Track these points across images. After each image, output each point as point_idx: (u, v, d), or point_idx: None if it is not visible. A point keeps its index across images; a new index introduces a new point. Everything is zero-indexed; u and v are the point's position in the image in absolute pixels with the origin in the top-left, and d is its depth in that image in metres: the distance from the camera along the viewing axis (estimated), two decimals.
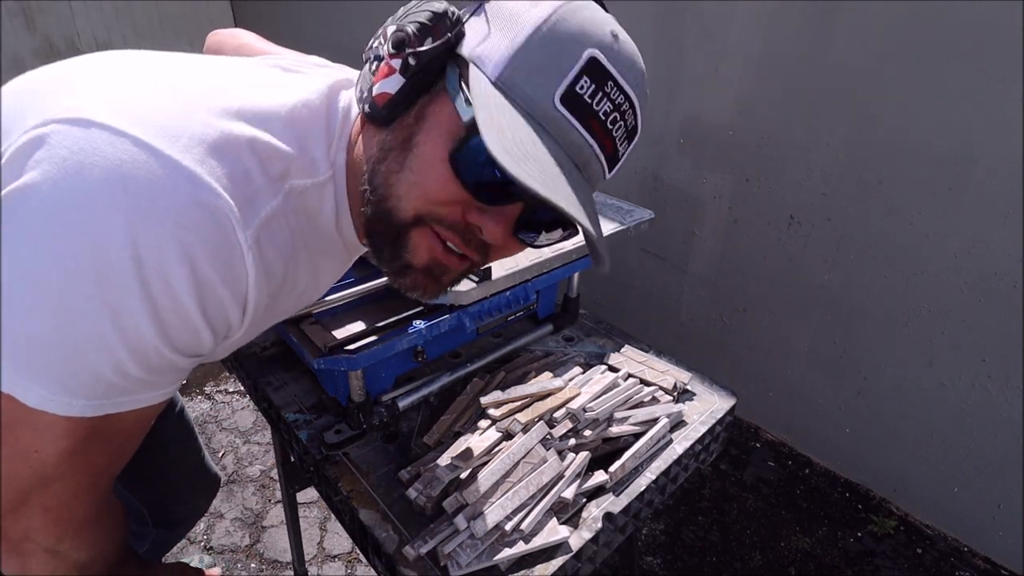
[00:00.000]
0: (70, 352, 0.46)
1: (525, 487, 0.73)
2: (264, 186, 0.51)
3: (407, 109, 0.54)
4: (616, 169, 0.57)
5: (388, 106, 0.53)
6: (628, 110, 0.53)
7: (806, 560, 1.66)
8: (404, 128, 0.54)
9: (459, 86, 0.51)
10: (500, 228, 0.55)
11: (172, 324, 0.48)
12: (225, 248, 0.48)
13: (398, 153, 0.54)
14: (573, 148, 0.51)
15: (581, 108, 0.50)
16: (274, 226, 0.53)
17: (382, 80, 0.53)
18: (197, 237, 0.46)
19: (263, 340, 1.07)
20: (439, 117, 0.52)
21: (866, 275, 1.66)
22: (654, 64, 1.93)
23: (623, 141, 0.55)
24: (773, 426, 2.07)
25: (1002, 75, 1.31)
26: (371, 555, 0.76)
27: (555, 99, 0.49)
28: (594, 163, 0.53)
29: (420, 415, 0.93)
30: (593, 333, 1.13)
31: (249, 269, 0.51)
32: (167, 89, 0.51)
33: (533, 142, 0.48)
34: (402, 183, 0.54)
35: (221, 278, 0.49)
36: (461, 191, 0.52)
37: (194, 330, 0.50)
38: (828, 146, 1.63)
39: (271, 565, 1.64)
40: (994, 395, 1.51)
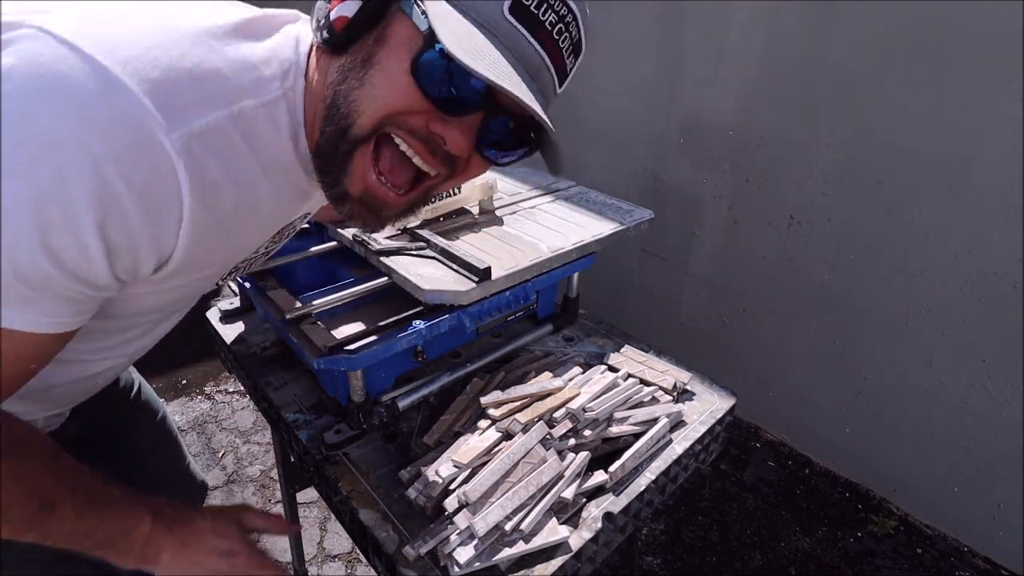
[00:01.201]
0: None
1: (525, 487, 0.73)
2: (201, 101, 0.50)
3: (365, 32, 0.55)
4: (565, 84, 0.60)
5: (346, 30, 0.54)
6: (572, 22, 0.56)
7: (806, 560, 1.66)
8: (363, 49, 0.55)
9: (414, 3, 0.53)
10: (464, 138, 0.57)
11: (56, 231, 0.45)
12: (141, 153, 0.47)
13: (358, 71, 0.54)
14: (524, 57, 0.55)
15: (529, 18, 0.53)
16: (215, 142, 0.51)
17: (339, 5, 0.54)
18: (104, 134, 0.45)
19: (263, 340, 1.07)
20: (397, 35, 0.54)
21: (866, 275, 1.66)
22: (655, 64, 1.93)
23: (570, 54, 0.58)
24: (773, 426, 2.07)
25: (1002, 75, 1.31)
26: (371, 555, 0.76)
27: (504, 10, 0.53)
28: (544, 73, 0.57)
29: (420, 415, 0.93)
30: (593, 333, 1.13)
31: (182, 180, 0.49)
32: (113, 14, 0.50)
33: (486, 44, 0.52)
34: (363, 97, 0.54)
35: (129, 186, 0.46)
36: (423, 100, 0.54)
37: (83, 247, 0.47)
38: (828, 146, 1.63)
39: None
40: (994, 395, 1.51)
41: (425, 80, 0.53)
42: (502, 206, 1.11)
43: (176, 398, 2.22)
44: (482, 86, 0.54)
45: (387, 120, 0.55)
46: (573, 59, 0.59)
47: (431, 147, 0.58)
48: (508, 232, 1.01)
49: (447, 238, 0.95)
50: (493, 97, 0.55)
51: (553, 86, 0.59)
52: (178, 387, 2.28)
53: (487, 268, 0.84)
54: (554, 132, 0.55)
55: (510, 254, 0.91)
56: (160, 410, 1.09)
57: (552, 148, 0.61)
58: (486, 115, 0.58)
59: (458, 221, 1.03)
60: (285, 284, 0.98)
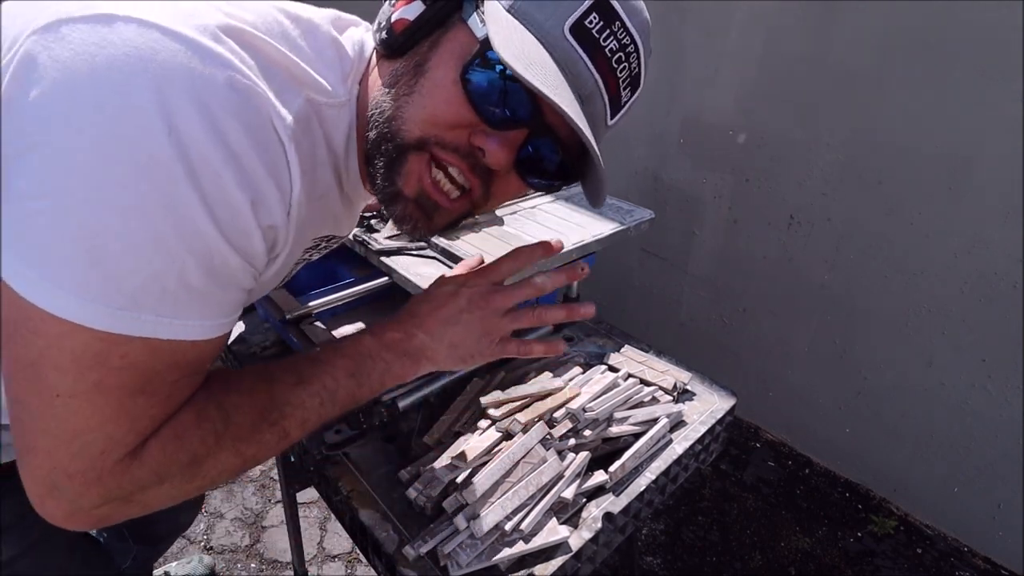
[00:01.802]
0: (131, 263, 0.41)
1: (525, 487, 0.73)
2: (289, 85, 0.49)
3: (423, 38, 0.54)
4: (618, 117, 0.58)
5: (406, 33, 0.54)
6: (633, 53, 0.54)
7: (806, 560, 1.66)
8: (418, 55, 0.54)
9: (474, 12, 0.52)
10: (503, 151, 0.55)
11: (225, 216, 0.44)
12: (264, 136, 0.46)
13: (409, 77, 0.54)
14: (579, 80, 0.52)
15: (589, 41, 0.52)
16: (304, 125, 0.51)
17: (402, 7, 0.54)
18: (237, 122, 0.43)
19: (263, 340, 1.07)
20: (453, 43, 0.53)
21: (866, 275, 1.66)
22: (655, 64, 1.93)
23: (627, 86, 0.56)
24: (773, 426, 2.07)
25: (1002, 75, 1.31)
26: (371, 555, 0.76)
27: (564, 29, 0.51)
28: (598, 100, 0.54)
29: (420, 415, 0.93)
30: (593, 333, 1.13)
31: (291, 160, 0.48)
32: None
33: (541, 55, 0.50)
34: (411, 105, 0.54)
35: (265, 168, 0.46)
36: (469, 112, 0.53)
37: (246, 229, 0.46)
38: (828, 146, 1.63)
39: (271, 565, 1.64)
40: (994, 395, 1.51)
41: (473, 89, 0.52)
42: (502, 206, 1.11)
43: None
44: (529, 102, 0.53)
45: (433, 133, 0.54)
46: (630, 92, 0.57)
47: (470, 162, 0.56)
48: (508, 232, 1.01)
49: (447, 238, 0.95)
50: (540, 115, 0.54)
51: (605, 116, 0.56)
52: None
53: None
54: (599, 159, 0.53)
55: None
56: None
57: (595, 179, 0.58)
58: (531, 133, 0.56)
59: None
60: (285, 284, 0.98)
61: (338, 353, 0.61)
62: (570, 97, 0.50)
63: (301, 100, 0.50)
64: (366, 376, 0.61)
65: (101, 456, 0.45)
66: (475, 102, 0.52)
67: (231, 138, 0.43)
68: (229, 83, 0.43)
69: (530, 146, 0.56)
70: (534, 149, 0.57)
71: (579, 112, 0.51)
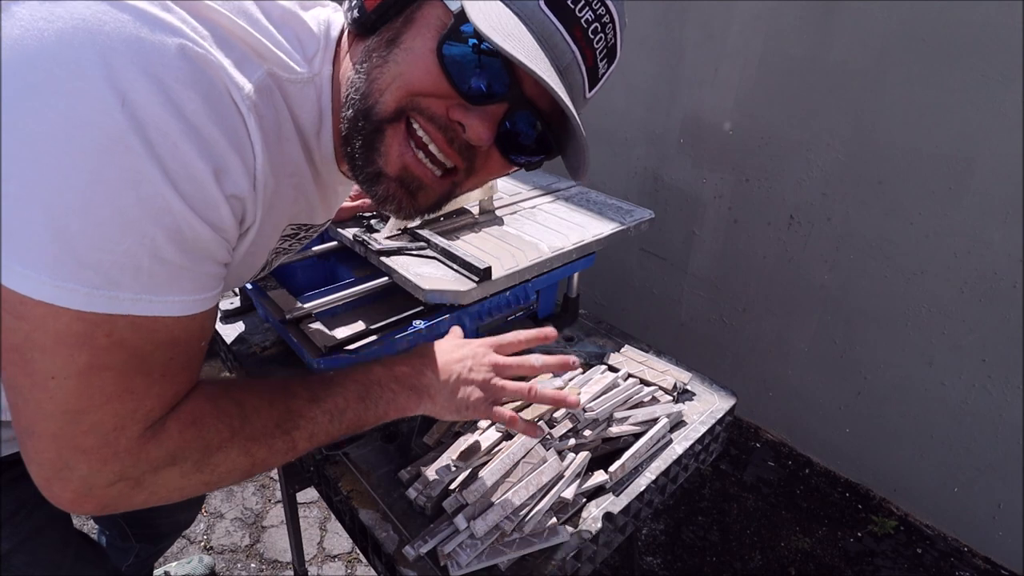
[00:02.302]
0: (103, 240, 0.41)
1: (525, 487, 0.73)
2: (247, 56, 0.48)
3: (396, 15, 0.54)
4: (596, 90, 0.58)
5: (377, 10, 0.53)
6: (609, 24, 0.54)
7: (806, 560, 1.66)
8: (391, 30, 0.54)
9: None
10: (484, 127, 0.54)
11: (189, 190, 0.43)
12: (221, 105, 0.45)
13: (383, 51, 0.53)
14: (556, 52, 0.52)
15: (565, 12, 0.52)
16: (264, 97, 0.50)
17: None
18: (193, 91, 0.43)
19: (263, 340, 1.07)
20: (427, 17, 0.52)
21: (866, 275, 1.66)
22: (655, 64, 1.93)
23: (603, 58, 0.56)
24: (773, 426, 2.07)
25: (1002, 75, 1.31)
26: (371, 555, 0.76)
27: (540, 1, 0.51)
28: (575, 72, 0.54)
29: (420, 415, 0.93)
30: (593, 333, 1.13)
31: (252, 129, 0.48)
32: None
33: (518, 26, 0.50)
34: (385, 75, 0.53)
35: (226, 138, 0.45)
36: (446, 84, 0.52)
37: (211, 200, 0.46)
38: (828, 146, 1.63)
39: (271, 565, 1.64)
40: (994, 395, 1.51)
41: (449, 62, 0.51)
42: (502, 206, 1.11)
43: None
44: (508, 75, 0.52)
45: (409, 102, 0.53)
46: (606, 64, 0.57)
47: (448, 136, 0.55)
48: (508, 232, 1.01)
49: (447, 238, 0.95)
50: (519, 88, 0.54)
51: (583, 88, 0.56)
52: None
53: (487, 268, 0.84)
54: (580, 127, 0.53)
55: (510, 254, 0.91)
56: None
57: (577, 148, 0.58)
58: (510, 108, 0.55)
59: (458, 221, 1.03)
60: (285, 284, 0.98)
61: (350, 378, 0.63)
62: (549, 67, 0.50)
63: (261, 72, 0.49)
64: (373, 402, 0.63)
65: (115, 432, 0.46)
66: (452, 76, 0.52)
67: (187, 108, 0.42)
68: (181, 51, 0.42)
69: (508, 122, 0.56)
70: (512, 124, 0.57)
71: (559, 82, 0.51)
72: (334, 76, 0.58)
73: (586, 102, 0.59)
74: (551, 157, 0.62)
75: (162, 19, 0.42)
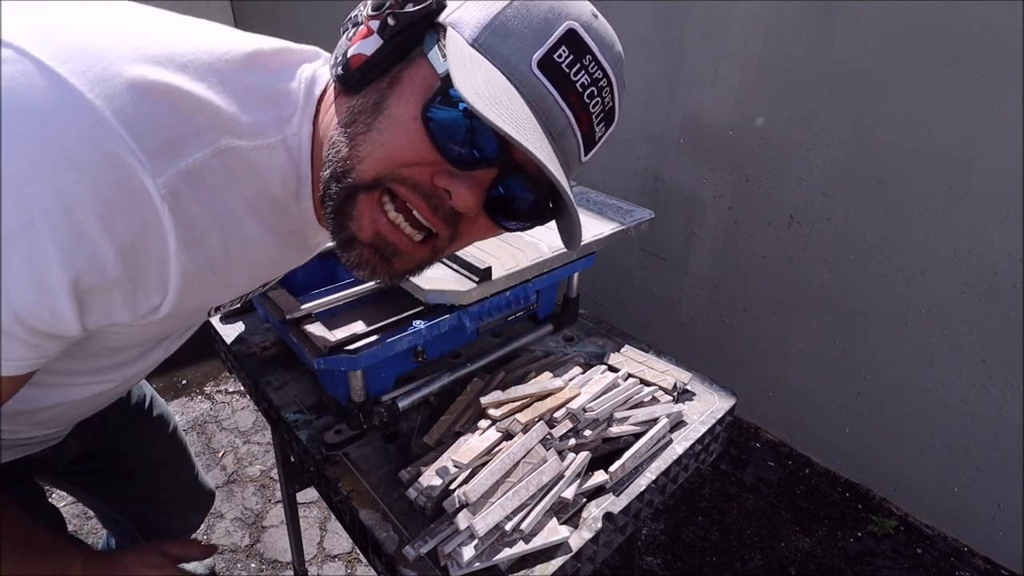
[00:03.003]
0: None
1: (525, 487, 0.73)
2: (187, 135, 0.46)
3: (382, 74, 0.51)
4: (592, 153, 0.56)
5: (363, 68, 0.51)
6: (606, 87, 0.52)
7: (806, 560, 1.66)
8: (377, 91, 0.51)
9: (436, 47, 0.49)
10: (471, 194, 0.51)
11: (16, 281, 0.41)
12: (122, 195, 0.42)
13: (368, 115, 0.51)
14: (549, 116, 0.50)
15: (559, 76, 0.49)
16: (201, 181, 0.47)
17: (359, 42, 0.51)
18: (83, 177, 0.40)
19: (263, 340, 1.07)
20: (413, 79, 0.50)
21: (866, 275, 1.66)
22: (655, 64, 1.93)
23: (600, 121, 0.53)
24: (773, 426, 2.07)
25: (1002, 75, 1.31)
26: (371, 555, 0.76)
27: (532, 63, 0.48)
28: (570, 137, 0.52)
29: (420, 415, 0.93)
30: (593, 333, 1.13)
31: (167, 227, 0.45)
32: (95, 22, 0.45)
33: (507, 91, 0.47)
34: (367, 143, 0.50)
35: (107, 232, 0.42)
36: (430, 150, 0.49)
37: (50, 297, 0.42)
38: (828, 146, 1.63)
39: (271, 565, 1.64)
40: (994, 395, 1.51)
41: (435, 127, 0.49)
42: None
43: (176, 398, 2.22)
44: (497, 140, 0.50)
45: (389, 173, 0.51)
46: (604, 128, 0.54)
47: (433, 203, 0.52)
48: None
49: None
50: (509, 153, 0.51)
51: (578, 153, 0.54)
52: (178, 387, 2.28)
53: (487, 268, 0.84)
54: (571, 201, 0.50)
55: (510, 254, 0.91)
56: (172, 422, 1.10)
57: (568, 220, 0.54)
58: (500, 173, 0.52)
59: None
60: (285, 284, 0.98)
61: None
62: (539, 135, 0.47)
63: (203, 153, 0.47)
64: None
65: None
66: (438, 141, 0.49)
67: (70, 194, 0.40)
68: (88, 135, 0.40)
69: (500, 186, 0.53)
70: (505, 189, 0.54)
71: (550, 152, 0.48)
72: (314, 135, 0.55)
73: (582, 165, 0.57)
74: (543, 222, 0.59)
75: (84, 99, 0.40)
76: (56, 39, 0.41)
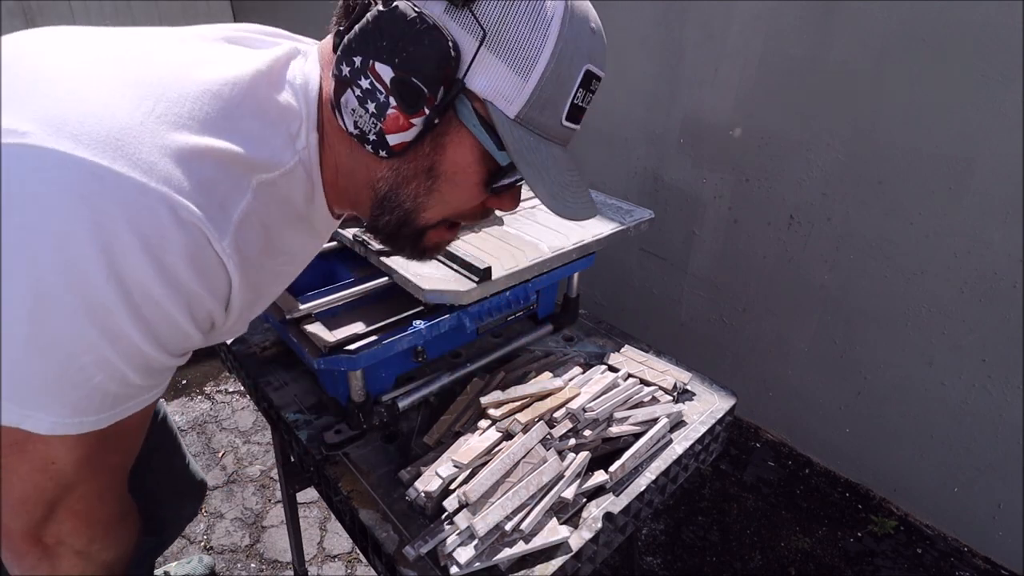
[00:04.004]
0: (76, 379, 0.46)
1: (525, 487, 0.73)
2: (231, 189, 0.50)
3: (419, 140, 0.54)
4: None
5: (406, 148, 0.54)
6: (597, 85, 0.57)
7: (806, 560, 1.66)
8: (422, 157, 0.55)
9: (479, 125, 0.53)
10: (514, 202, 0.63)
11: (165, 336, 0.49)
12: (204, 260, 0.48)
13: (423, 180, 0.56)
14: (566, 139, 0.58)
15: (577, 114, 0.56)
16: (248, 224, 0.52)
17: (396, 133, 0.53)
18: (176, 256, 0.46)
19: (263, 340, 1.07)
20: (461, 150, 0.55)
21: (866, 275, 1.66)
22: (655, 64, 1.93)
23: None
24: (773, 426, 2.07)
25: (1002, 75, 1.31)
26: (371, 555, 0.76)
27: (562, 119, 0.55)
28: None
29: (420, 415, 0.93)
30: (593, 333, 1.13)
31: (232, 275, 0.51)
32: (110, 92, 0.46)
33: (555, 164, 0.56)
34: (431, 200, 0.58)
35: (205, 288, 0.50)
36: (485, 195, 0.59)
37: (185, 335, 0.51)
38: (828, 146, 1.63)
39: (271, 565, 1.64)
40: (994, 395, 1.51)
41: (492, 186, 0.58)
42: None
43: (176, 398, 2.22)
44: None
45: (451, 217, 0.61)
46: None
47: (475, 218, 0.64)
48: (508, 232, 1.01)
49: None
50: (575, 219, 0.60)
51: None
52: (178, 387, 2.28)
53: (487, 268, 0.84)
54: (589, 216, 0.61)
55: (510, 254, 0.91)
56: (161, 410, 1.09)
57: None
58: None
59: None
60: None
61: None
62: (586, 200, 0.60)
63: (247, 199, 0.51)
64: None
65: None
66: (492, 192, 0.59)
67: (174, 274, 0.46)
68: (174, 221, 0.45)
69: None
70: None
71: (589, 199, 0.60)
72: (321, 141, 0.58)
73: None
74: None
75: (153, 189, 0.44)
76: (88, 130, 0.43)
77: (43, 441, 0.48)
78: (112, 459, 0.56)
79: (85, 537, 0.56)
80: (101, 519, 0.57)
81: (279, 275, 0.67)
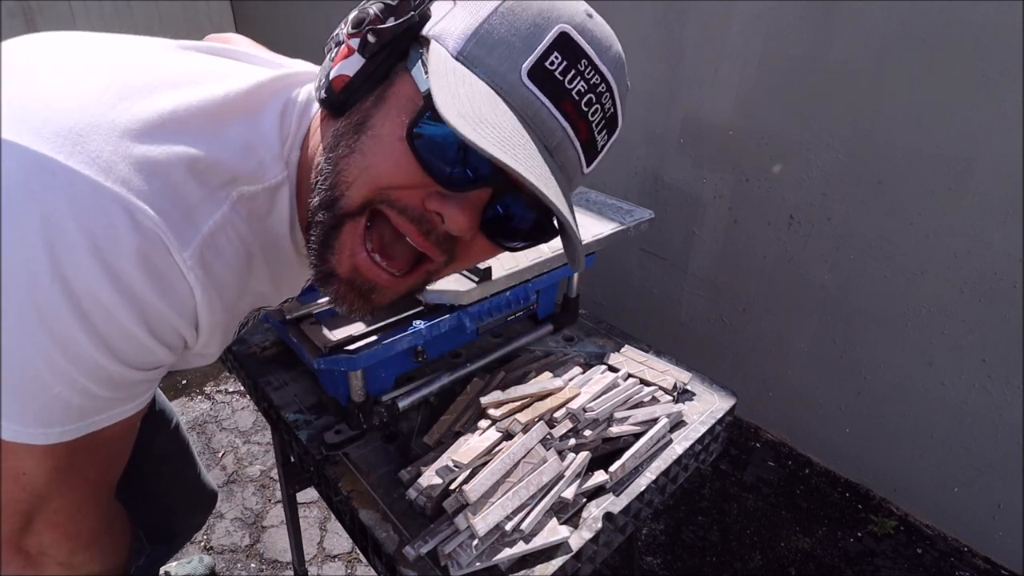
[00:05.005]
0: (33, 387, 0.44)
1: (525, 487, 0.73)
2: (203, 199, 0.47)
3: (366, 94, 0.49)
4: (595, 163, 0.53)
5: (346, 90, 0.49)
6: (605, 93, 0.48)
7: (806, 560, 1.66)
8: (360, 112, 0.49)
9: (419, 62, 0.47)
10: (464, 216, 0.48)
11: (121, 348, 0.46)
12: (161, 270, 0.45)
13: (350, 137, 0.48)
14: (544, 129, 0.47)
15: (552, 85, 0.46)
16: (221, 239, 0.49)
17: (341, 62, 0.49)
18: (128, 262, 0.43)
19: (263, 340, 1.07)
20: (397, 97, 0.48)
21: (866, 275, 1.66)
22: (655, 64, 1.93)
23: (601, 129, 0.50)
24: (773, 426, 2.07)
25: (1002, 75, 1.31)
26: (371, 555, 0.76)
27: (522, 73, 0.45)
28: (568, 149, 0.49)
29: (420, 415, 0.93)
30: (593, 333, 1.13)
31: (195, 289, 0.47)
32: (89, 91, 0.44)
33: (494, 107, 0.44)
34: (352, 167, 0.48)
35: (163, 300, 0.46)
36: (419, 172, 0.47)
37: (146, 349, 0.48)
38: (828, 146, 1.63)
39: (271, 565, 1.64)
40: (994, 395, 1.51)
41: (422, 148, 0.46)
42: None
43: (176, 398, 2.22)
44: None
45: (379, 195, 0.48)
46: (606, 136, 0.51)
47: (425, 228, 0.50)
48: None
49: None
50: (503, 172, 0.46)
51: (579, 165, 0.51)
52: (178, 387, 2.28)
53: (487, 268, 0.84)
54: (569, 223, 0.47)
55: (510, 254, 0.91)
56: (174, 419, 1.09)
57: (567, 240, 0.51)
58: (495, 193, 0.50)
59: None
60: None
61: None
62: (532, 152, 0.44)
63: (221, 211, 0.48)
64: None
65: None
66: (426, 162, 0.46)
67: (125, 280, 0.43)
68: (130, 224, 0.42)
69: (498, 206, 0.50)
70: (503, 208, 0.51)
71: (544, 170, 0.44)
72: (301, 161, 0.54)
73: (584, 177, 0.54)
74: (546, 240, 0.56)
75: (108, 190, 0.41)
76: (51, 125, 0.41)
77: (11, 450, 0.46)
78: (89, 472, 0.53)
79: (66, 549, 0.55)
80: (82, 532, 0.55)
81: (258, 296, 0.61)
